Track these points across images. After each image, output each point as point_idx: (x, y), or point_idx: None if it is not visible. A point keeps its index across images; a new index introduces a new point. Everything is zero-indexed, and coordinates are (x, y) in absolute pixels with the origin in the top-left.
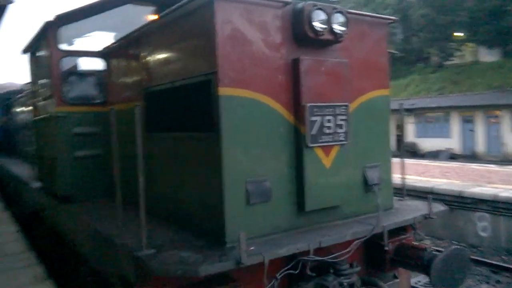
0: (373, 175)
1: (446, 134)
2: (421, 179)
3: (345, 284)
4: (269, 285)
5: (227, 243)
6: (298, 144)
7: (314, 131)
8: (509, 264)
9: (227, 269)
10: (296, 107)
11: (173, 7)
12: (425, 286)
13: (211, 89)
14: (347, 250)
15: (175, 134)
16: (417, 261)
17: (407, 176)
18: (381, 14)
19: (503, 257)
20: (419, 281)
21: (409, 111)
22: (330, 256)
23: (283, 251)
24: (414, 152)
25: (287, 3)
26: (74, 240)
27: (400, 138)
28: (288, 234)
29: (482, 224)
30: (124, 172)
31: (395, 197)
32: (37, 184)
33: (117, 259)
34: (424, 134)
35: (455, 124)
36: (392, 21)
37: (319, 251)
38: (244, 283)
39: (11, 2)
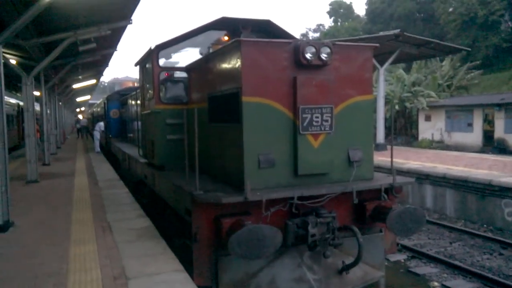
0: (354, 155)
1: None
2: (466, 169)
3: (318, 221)
4: (265, 214)
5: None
6: (294, 132)
7: (305, 124)
8: None
9: (238, 201)
10: (294, 108)
11: (222, 46)
12: None
13: (239, 97)
14: (322, 199)
15: (221, 124)
16: (384, 216)
17: (454, 167)
18: None
19: None
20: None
21: (499, 106)
22: (309, 201)
23: (275, 195)
24: (503, 149)
25: (290, 43)
26: (163, 193)
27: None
28: (285, 188)
29: (508, 210)
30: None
31: (385, 173)
32: (142, 160)
33: (183, 198)
34: None
35: None
36: (375, 47)
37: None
38: (255, 214)
39: (130, 23)
